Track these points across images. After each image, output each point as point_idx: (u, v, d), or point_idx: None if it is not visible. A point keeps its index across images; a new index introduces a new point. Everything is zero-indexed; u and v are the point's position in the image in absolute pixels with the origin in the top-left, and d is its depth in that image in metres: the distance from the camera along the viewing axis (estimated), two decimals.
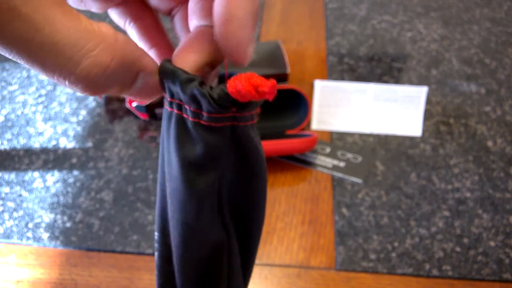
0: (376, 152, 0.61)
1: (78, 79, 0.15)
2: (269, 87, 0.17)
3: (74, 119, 0.66)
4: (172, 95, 0.18)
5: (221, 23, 0.16)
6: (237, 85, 0.17)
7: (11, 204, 0.56)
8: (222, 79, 0.20)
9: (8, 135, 0.64)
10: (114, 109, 0.67)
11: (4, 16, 0.13)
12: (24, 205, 0.56)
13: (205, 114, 0.17)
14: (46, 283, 0.49)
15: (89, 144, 0.62)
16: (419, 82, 0.69)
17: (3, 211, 0.56)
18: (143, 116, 0.64)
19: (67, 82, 0.15)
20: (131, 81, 0.17)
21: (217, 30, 0.17)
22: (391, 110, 0.65)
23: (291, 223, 0.54)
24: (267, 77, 0.17)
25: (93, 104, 0.68)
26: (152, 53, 0.22)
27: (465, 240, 0.52)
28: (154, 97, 0.19)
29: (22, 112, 0.67)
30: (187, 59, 0.18)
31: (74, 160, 0.61)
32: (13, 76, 0.73)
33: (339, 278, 0.49)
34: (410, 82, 0.69)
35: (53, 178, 0.59)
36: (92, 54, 0.15)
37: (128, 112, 0.66)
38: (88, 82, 0.15)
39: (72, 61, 0.14)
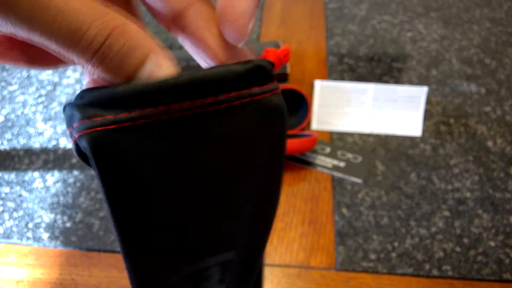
0: (376, 152, 0.61)
1: (82, 50, 0.14)
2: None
3: None
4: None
5: None
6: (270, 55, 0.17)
7: (11, 204, 0.56)
8: None
9: (8, 135, 0.64)
10: None
11: None
12: (24, 205, 0.56)
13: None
14: (46, 283, 0.49)
15: None
16: (419, 82, 0.69)
17: (3, 211, 0.56)
18: None
19: (74, 56, 0.14)
20: (136, 64, 0.15)
21: (219, 3, 0.17)
22: (391, 110, 0.65)
23: (291, 223, 0.54)
24: None
25: None
26: None
27: (465, 240, 0.52)
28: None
29: (22, 112, 0.67)
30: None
31: (74, 160, 0.61)
32: (13, 76, 0.73)
33: (339, 278, 0.49)
34: (410, 82, 0.69)
35: (53, 178, 0.59)
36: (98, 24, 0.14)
37: None
38: (93, 54, 0.14)
39: (82, 30, 0.14)
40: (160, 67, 0.15)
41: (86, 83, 0.18)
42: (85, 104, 0.15)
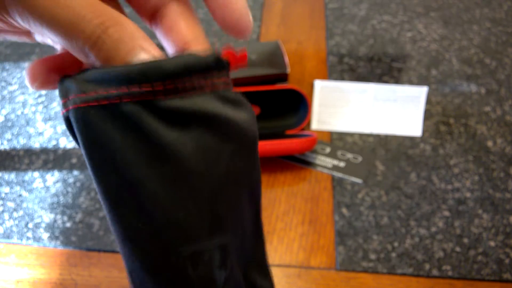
0: (376, 152, 0.61)
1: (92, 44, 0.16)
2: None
3: None
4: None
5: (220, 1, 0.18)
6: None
7: (11, 204, 0.56)
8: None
9: (8, 135, 0.64)
10: None
11: None
12: (24, 205, 0.56)
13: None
14: (46, 283, 0.49)
15: None
16: (419, 82, 0.69)
17: (3, 211, 0.56)
18: None
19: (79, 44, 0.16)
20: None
21: (216, 6, 0.18)
22: (391, 110, 0.65)
23: (291, 223, 0.54)
24: (267, 77, 0.17)
25: None
26: None
27: (465, 240, 0.52)
28: None
29: (22, 112, 0.67)
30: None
31: (74, 160, 0.61)
32: (13, 76, 0.73)
33: (339, 278, 0.49)
34: (410, 82, 0.69)
35: (53, 178, 0.59)
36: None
37: None
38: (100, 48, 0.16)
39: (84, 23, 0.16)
40: (150, 55, 0.16)
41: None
42: (83, 80, 0.17)
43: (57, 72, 0.20)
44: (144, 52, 0.16)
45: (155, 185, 0.17)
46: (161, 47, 0.19)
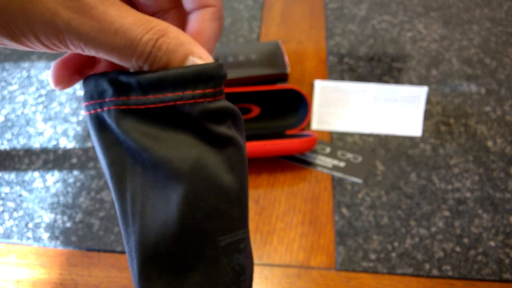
0: (376, 152, 0.61)
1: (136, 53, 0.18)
2: None
3: (74, 119, 0.66)
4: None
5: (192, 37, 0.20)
6: None
7: (11, 204, 0.56)
8: None
9: (8, 135, 0.64)
10: None
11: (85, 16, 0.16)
12: (24, 205, 0.56)
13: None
14: (46, 283, 0.49)
15: (89, 144, 0.62)
16: (419, 82, 0.69)
17: (3, 211, 0.56)
18: None
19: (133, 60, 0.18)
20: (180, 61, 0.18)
21: (189, 30, 0.21)
22: (391, 110, 0.65)
23: (291, 223, 0.54)
24: (267, 77, 0.18)
25: None
26: None
27: (465, 240, 0.52)
28: None
29: (22, 112, 0.67)
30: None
31: (74, 160, 0.61)
32: (13, 76, 0.73)
33: (339, 278, 0.49)
34: (410, 82, 0.69)
35: (53, 178, 0.59)
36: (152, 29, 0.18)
37: None
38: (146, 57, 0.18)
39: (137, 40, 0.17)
40: (201, 58, 0.18)
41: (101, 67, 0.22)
42: (120, 83, 0.18)
43: (78, 72, 0.21)
44: (194, 56, 0.18)
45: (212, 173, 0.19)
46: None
